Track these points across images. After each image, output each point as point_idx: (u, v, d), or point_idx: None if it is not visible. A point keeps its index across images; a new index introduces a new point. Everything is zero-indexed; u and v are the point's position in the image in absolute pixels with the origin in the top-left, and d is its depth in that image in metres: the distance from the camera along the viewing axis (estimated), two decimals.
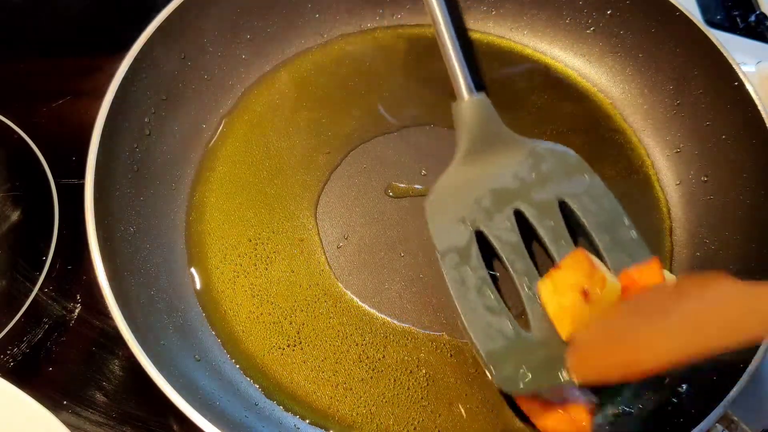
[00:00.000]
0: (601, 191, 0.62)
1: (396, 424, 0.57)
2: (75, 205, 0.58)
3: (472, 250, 0.59)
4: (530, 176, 0.62)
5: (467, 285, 0.58)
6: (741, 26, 0.87)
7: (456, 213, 0.61)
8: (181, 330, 0.59)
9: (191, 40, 0.68)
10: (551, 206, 0.61)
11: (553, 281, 0.55)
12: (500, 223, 0.60)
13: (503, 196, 0.61)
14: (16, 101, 0.75)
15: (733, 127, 0.65)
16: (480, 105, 0.65)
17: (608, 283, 0.53)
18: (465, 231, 0.60)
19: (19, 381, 0.53)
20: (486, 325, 0.56)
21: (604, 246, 0.59)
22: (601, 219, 0.60)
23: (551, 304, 0.55)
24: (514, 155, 0.63)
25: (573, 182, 0.62)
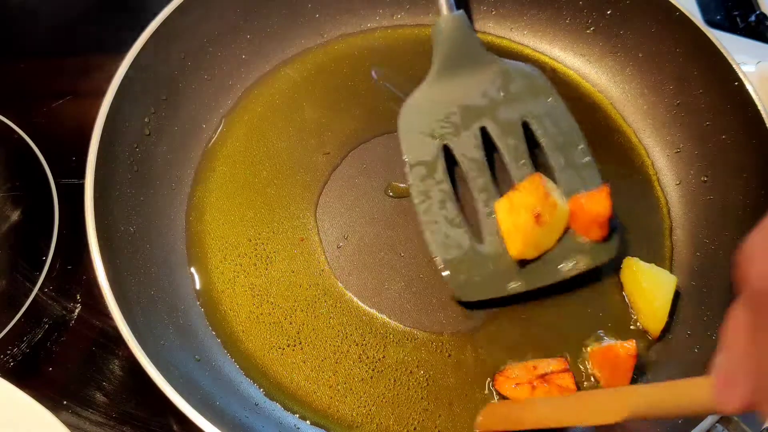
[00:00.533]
0: (562, 113, 0.65)
1: (396, 424, 0.57)
2: (75, 205, 0.58)
3: (438, 164, 0.63)
4: (498, 95, 0.65)
5: (431, 197, 0.62)
6: (741, 26, 0.87)
7: (426, 127, 0.65)
8: (181, 330, 0.59)
9: (191, 40, 0.68)
10: (515, 126, 0.64)
11: (510, 201, 0.60)
12: (467, 139, 0.64)
13: (471, 113, 0.65)
14: (16, 101, 0.75)
15: (733, 127, 0.65)
16: (457, 21, 0.67)
17: (559, 208, 0.58)
18: (433, 145, 0.64)
19: (19, 381, 0.53)
20: (444, 236, 0.61)
21: (558, 167, 0.63)
22: (558, 141, 0.64)
23: (505, 223, 0.60)
24: (485, 73, 0.66)
25: (537, 103, 0.65)
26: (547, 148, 0.63)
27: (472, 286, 0.60)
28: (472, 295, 0.60)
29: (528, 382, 0.56)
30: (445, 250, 0.60)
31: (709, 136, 0.67)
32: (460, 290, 0.60)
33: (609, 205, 0.57)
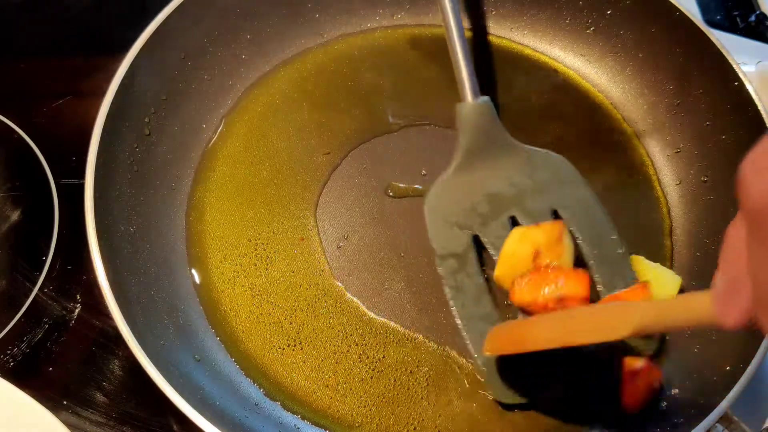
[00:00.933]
0: (593, 203, 0.63)
1: (396, 424, 0.57)
2: (75, 205, 0.58)
3: (469, 256, 0.61)
4: (526, 183, 0.63)
5: (465, 292, 0.60)
6: (741, 26, 0.87)
7: (454, 217, 0.63)
8: (181, 330, 0.59)
9: (191, 40, 0.68)
10: (545, 216, 0.62)
11: (524, 233, 0.59)
12: (496, 229, 0.62)
13: (499, 203, 0.63)
14: (16, 101, 0.75)
15: (733, 127, 0.65)
16: (482, 110, 0.65)
17: (563, 260, 0.57)
18: (463, 237, 0.62)
19: (19, 381, 0.53)
20: (481, 334, 0.57)
21: (594, 260, 0.61)
22: (592, 232, 0.62)
23: (508, 246, 0.59)
24: (511, 161, 0.64)
25: (566, 192, 0.63)
26: (581, 241, 0.61)
27: (511, 388, 0.56)
28: (511, 398, 0.56)
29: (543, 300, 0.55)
30: (481, 348, 0.57)
31: (709, 136, 0.67)
32: (500, 393, 0.57)
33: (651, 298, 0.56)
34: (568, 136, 0.71)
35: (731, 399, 0.51)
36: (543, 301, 0.55)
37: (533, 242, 0.58)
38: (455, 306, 0.60)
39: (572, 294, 0.54)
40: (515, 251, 0.58)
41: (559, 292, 0.55)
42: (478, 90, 0.65)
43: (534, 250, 0.57)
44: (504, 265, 0.59)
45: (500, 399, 0.57)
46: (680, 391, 0.56)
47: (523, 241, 0.58)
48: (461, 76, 0.65)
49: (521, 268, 0.58)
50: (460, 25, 0.66)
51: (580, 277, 0.55)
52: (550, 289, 0.55)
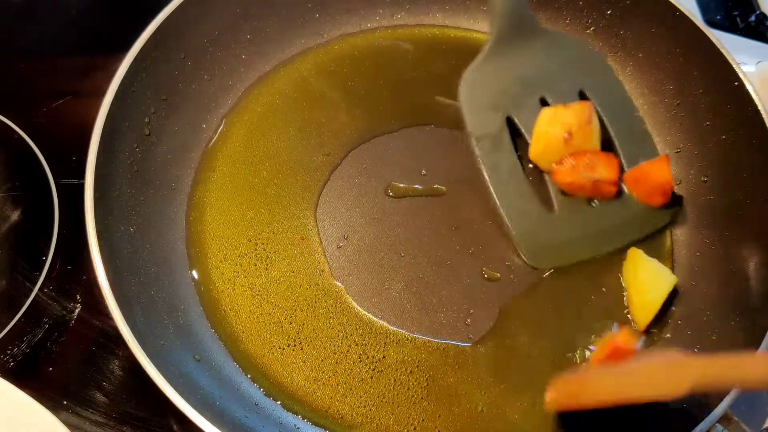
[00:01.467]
0: (616, 85, 0.68)
1: (396, 424, 0.57)
2: (75, 205, 0.58)
3: (503, 136, 0.65)
4: (554, 66, 0.67)
5: (500, 169, 0.64)
6: (741, 26, 0.87)
7: (488, 100, 0.66)
8: (181, 330, 0.59)
9: (191, 40, 0.68)
10: (573, 96, 0.66)
11: (554, 112, 0.63)
12: (528, 111, 0.65)
13: (530, 84, 0.66)
14: (16, 101, 0.75)
15: (733, 127, 0.65)
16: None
17: (592, 139, 0.62)
18: (497, 118, 0.66)
19: (19, 381, 0.53)
20: (516, 206, 0.63)
21: (617, 134, 0.65)
22: (615, 109, 0.66)
23: (540, 126, 0.63)
24: (540, 45, 0.67)
25: (592, 74, 0.67)
26: (605, 117, 0.65)
27: (544, 254, 0.63)
28: (544, 263, 0.63)
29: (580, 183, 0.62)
30: (519, 221, 0.63)
31: (709, 136, 0.67)
32: (533, 258, 0.63)
33: (670, 174, 0.62)
34: None
35: (731, 399, 0.51)
36: (580, 183, 0.62)
37: (564, 123, 0.62)
38: (491, 183, 0.64)
39: (606, 178, 0.62)
40: (547, 131, 0.62)
41: (594, 176, 0.62)
42: None
43: (566, 131, 0.61)
44: (538, 145, 0.63)
45: (536, 265, 0.63)
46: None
47: (554, 122, 0.62)
48: None
49: (554, 148, 0.62)
50: None
51: (611, 162, 0.62)
52: (587, 174, 0.62)
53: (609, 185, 0.62)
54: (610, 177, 0.62)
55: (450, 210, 0.66)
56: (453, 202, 0.67)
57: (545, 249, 0.63)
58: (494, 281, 0.63)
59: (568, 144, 0.62)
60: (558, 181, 0.63)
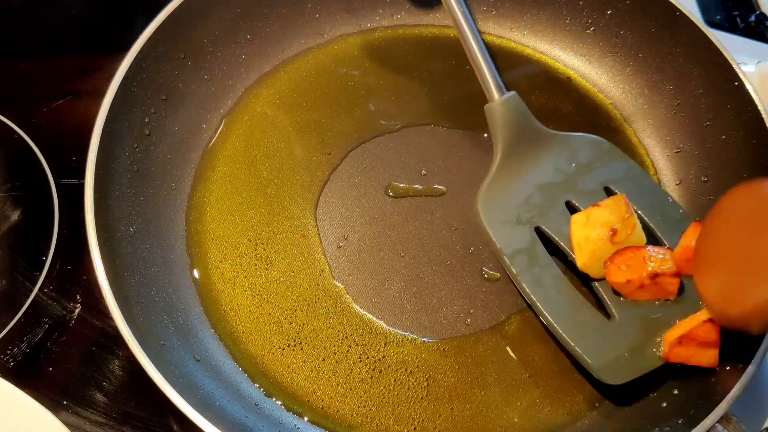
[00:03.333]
0: (639, 173, 0.63)
1: (396, 424, 0.57)
2: (75, 205, 0.58)
3: (537, 248, 0.60)
4: (571, 168, 0.63)
5: (544, 284, 0.58)
6: (741, 26, 0.87)
7: (511, 214, 0.61)
8: (181, 330, 0.59)
9: (191, 40, 0.68)
10: (599, 194, 0.62)
11: (588, 215, 0.58)
12: (556, 216, 0.61)
13: (552, 191, 0.62)
14: (16, 101, 0.75)
15: (733, 127, 0.65)
16: (512, 103, 0.65)
17: (637, 230, 0.56)
18: (525, 231, 0.60)
19: (19, 381, 0.53)
20: (573, 320, 0.57)
21: (656, 225, 0.60)
22: (647, 200, 0.61)
23: (578, 234, 0.58)
24: (551, 149, 0.64)
25: (612, 168, 0.63)
26: (639, 209, 0.60)
27: (618, 368, 0.55)
28: (620, 377, 0.55)
29: (639, 279, 0.55)
30: (580, 336, 0.56)
31: (709, 136, 0.67)
32: (607, 374, 0.55)
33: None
34: None
35: (731, 399, 0.51)
36: (639, 281, 0.55)
37: (603, 222, 0.57)
38: (539, 301, 0.57)
39: (665, 270, 0.55)
40: (588, 236, 0.57)
41: (652, 270, 0.55)
42: (503, 86, 0.65)
43: (608, 230, 0.56)
44: (583, 254, 0.58)
45: (611, 382, 0.55)
46: (680, 391, 0.56)
47: (592, 225, 0.57)
48: (484, 76, 0.65)
49: (601, 252, 0.57)
50: (473, 26, 0.65)
51: (666, 252, 0.56)
52: (644, 268, 0.55)
53: (670, 278, 0.55)
54: (669, 268, 0.55)
55: (450, 210, 0.66)
56: (453, 202, 0.67)
57: (616, 361, 0.55)
58: (494, 281, 0.63)
59: (615, 242, 0.56)
60: (614, 282, 0.56)
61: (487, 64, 0.65)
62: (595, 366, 0.55)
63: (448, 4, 0.65)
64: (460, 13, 0.65)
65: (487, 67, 0.65)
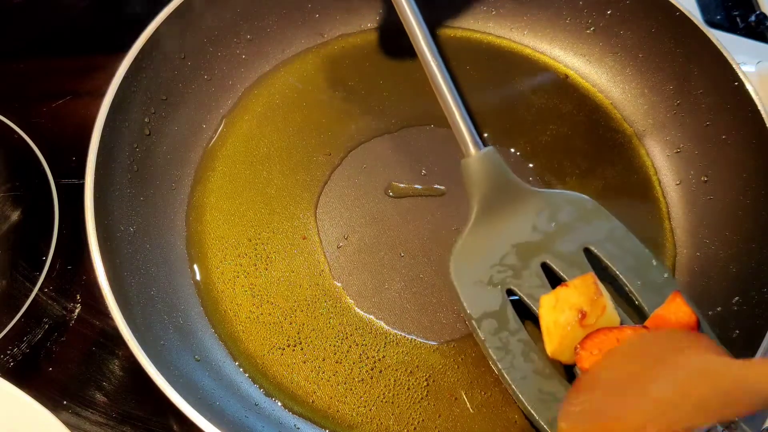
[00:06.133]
0: (623, 234, 0.60)
1: (396, 424, 0.57)
2: (75, 205, 0.58)
3: (507, 312, 0.57)
4: (550, 227, 0.60)
5: (511, 351, 0.56)
6: (741, 26, 0.87)
7: (483, 275, 0.59)
8: (181, 330, 0.59)
9: (191, 40, 0.68)
10: (577, 255, 0.59)
11: (556, 297, 0.55)
12: (530, 279, 0.58)
13: (527, 251, 0.59)
14: (16, 101, 0.75)
15: (733, 127, 0.65)
16: (489, 159, 0.62)
17: (608, 312, 0.53)
18: (497, 293, 0.58)
19: (19, 381, 0.53)
20: (539, 391, 0.54)
21: (636, 290, 0.57)
22: (628, 263, 0.58)
23: (546, 318, 0.55)
24: (529, 207, 0.61)
25: (594, 228, 0.60)
26: (620, 273, 0.58)
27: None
28: None
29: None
30: (545, 409, 0.53)
31: (709, 136, 0.67)
32: None
33: (690, 310, 0.53)
34: (567, 136, 0.71)
35: None
36: None
37: (571, 305, 0.54)
38: (504, 368, 0.55)
39: None
40: (557, 320, 0.54)
41: None
42: (479, 141, 0.62)
43: (577, 312, 0.53)
44: (552, 340, 0.54)
45: None
46: None
47: (560, 308, 0.54)
48: (460, 131, 0.62)
49: (571, 336, 0.53)
50: (449, 79, 0.63)
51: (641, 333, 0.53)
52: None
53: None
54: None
55: (450, 210, 0.66)
56: (453, 202, 0.67)
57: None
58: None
59: (584, 326, 0.53)
60: (585, 368, 0.52)
61: (463, 119, 0.62)
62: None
63: (423, 58, 0.63)
64: (435, 66, 0.63)
65: (463, 121, 0.62)
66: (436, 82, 0.63)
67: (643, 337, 0.50)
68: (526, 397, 0.54)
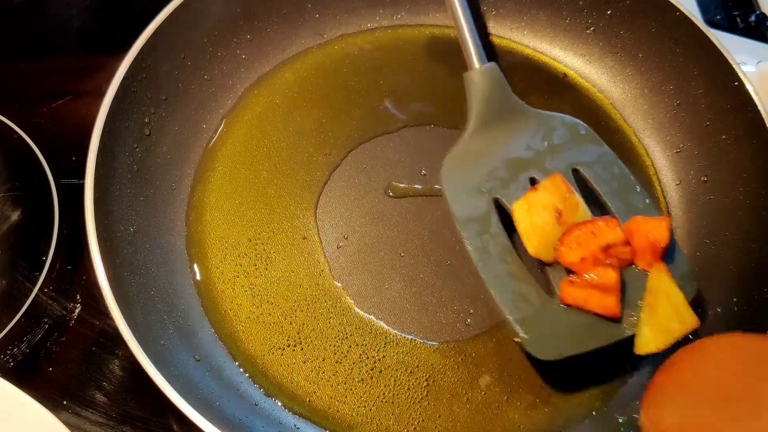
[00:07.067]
0: (612, 159, 0.62)
1: (396, 424, 0.57)
2: (75, 205, 0.58)
3: (491, 218, 0.60)
4: (542, 146, 0.63)
5: (490, 253, 0.58)
6: (741, 26, 0.87)
7: (472, 183, 0.61)
8: (181, 330, 0.59)
9: (191, 40, 0.68)
10: (565, 174, 0.60)
11: (528, 201, 0.58)
12: (516, 191, 0.60)
13: (517, 165, 0.62)
14: (16, 101, 0.75)
15: (733, 127, 0.65)
16: (491, 74, 0.65)
17: (581, 208, 0.56)
18: (483, 200, 0.61)
19: (19, 381, 0.53)
20: (512, 292, 0.57)
21: (618, 212, 0.59)
22: (613, 186, 0.61)
23: (522, 222, 0.57)
24: (525, 125, 0.64)
25: (584, 151, 0.63)
26: (603, 194, 0.60)
27: (549, 344, 0.55)
28: (550, 354, 0.55)
29: (591, 255, 0.54)
30: (515, 308, 0.56)
31: (709, 136, 0.67)
32: (538, 350, 0.55)
33: (668, 235, 0.55)
34: None
35: None
36: (592, 256, 0.55)
37: (545, 205, 0.57)
38: (481, 267, 0.58)
39: (614, 239, 0.55)
40: (533, 221, 0.57)
41: (603, 241, 0.55)
42: (485, 56, 0.65)
43: (553, 211, 0.56)
44: (531, 241, 0.57)
45: (540, 356, 0.55)
46: None
47: (534, 210, 0.57)
48: (466, 43, 0.65)
49: (549, 235, 0.56)
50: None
51: (611, 222, 0.56)
52: (594, 242, 0.55)
53: (622, 247, 0.55)
54: (618, 237, 0.55)
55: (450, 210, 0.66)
56: None
57: (549, 338, 0.55)
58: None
59: (561, 222, 0.56)
60: (567, 262, 0.56)
61: (471, 32, 0.65)
62: (525, 338, 0.55)
63: None
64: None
65: (471, 35, 0.65)
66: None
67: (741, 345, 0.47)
68: (499, 296, 0.56)
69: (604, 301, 0.54)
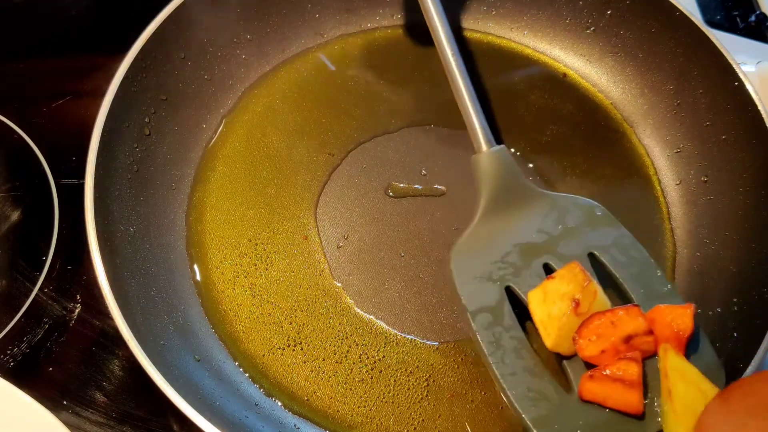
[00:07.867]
0: (629, 242, 0.59)
1: (396, 424, 0.57)
2: (75, 205, 0.58)
3: (504, 308, 0.57)
4: (556, 230, 0.60)
5: (503, 347, 0.55)
6: (741, 26, 0.87)
7: (483, 270, 0.58)
8: (181, 330, 0.59)
9: (191, 40, 0.68)
10: (581, 259, 0.57)
11: (544, 290, 0.55)
12: (530, 279, 0.57)
13: (530, 251, 0.59)
14: (16, 101, 0.75)
15: (733, 127, 0.65)
16: (500, 157, 0.62)
17: (599, 297, 0.53)
18: (495, 289, 0.57)
19: (19, 381, 0.53)
20: (527, 389, 0.53)
21: (639, 299, 0.56)
22: (632, 271, 0.58)
23: (539, 313, 0.54)
24: (536, 208, 0.61)
25: (600, 234, 0.59)
26: (622, 280, 0.57)
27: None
28: None
29: (612, 347, 0.51)
30: (531, 406, 0.52)
31: (709, 136, 0.67)
32: None
33: (691, 324, 0.51)
34: (567, 136, 0.71)
35: None
36: (612, 348, 0.51)
37: (562, 295, 0.53)
38: (494, 362, 0.54)
39: (637, 329, 0.51)
40: (550, 312, 0.54)
41: (624, 333, 0.51)
42: (492, 138, 0.63)
43: (570, 301, 0.52)
44: (549, 333, 0.54)
45: None
46: None
47: (551, 300, 0.54)
48: (473, 127, 0.62)
49: (567, 327, 0.53)
50: (466, 73, 0.64)
51: (632, 311, 0.52)
52: (615, 333, 0.51)
53: (644, 337, 0.51)
54: (640, 326, 0.51)
55: (450, 210, 0.66)
56: (453, 202, 0.67)
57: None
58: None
59: (579, 314, 0.52)
60: (588, 356, 0.52)
61: (477, 114, 0.63)
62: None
63: (442, 53, 0.64)
64: (454, 61, 0.63)
65: (477, 116, 0.63)
66: (453, 75, 0.64)
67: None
68: (513, 393, 0.53)
69: (627, 396, 0.50)
